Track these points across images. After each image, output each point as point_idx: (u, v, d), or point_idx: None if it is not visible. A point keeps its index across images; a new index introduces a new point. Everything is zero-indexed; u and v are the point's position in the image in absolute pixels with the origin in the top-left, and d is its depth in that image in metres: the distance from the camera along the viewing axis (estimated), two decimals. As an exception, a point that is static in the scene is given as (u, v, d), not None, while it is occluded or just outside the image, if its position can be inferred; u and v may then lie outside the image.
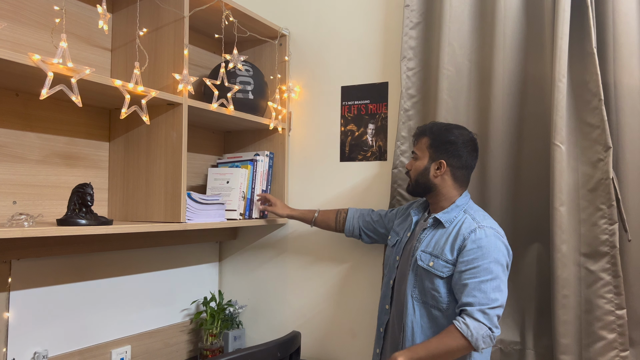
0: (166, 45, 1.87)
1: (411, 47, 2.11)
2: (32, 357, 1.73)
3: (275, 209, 2.18)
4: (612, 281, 1.76)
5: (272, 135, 2.40)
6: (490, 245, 1.58)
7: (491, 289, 1.54)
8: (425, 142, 1.75)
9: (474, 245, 1.58)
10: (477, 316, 1.50)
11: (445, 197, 1.73)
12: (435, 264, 1.63)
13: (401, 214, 1.95)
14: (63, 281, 1.84)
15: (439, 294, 1.62)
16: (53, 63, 1.41)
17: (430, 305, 1.64)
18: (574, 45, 1.82)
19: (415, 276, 1.68)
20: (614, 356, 1.75)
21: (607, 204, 1.76)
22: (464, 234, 1.61)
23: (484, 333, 1.49)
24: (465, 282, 1.55)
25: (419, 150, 1.77)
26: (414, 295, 1.68)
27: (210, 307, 2.32)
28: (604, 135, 1.77)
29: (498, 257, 1.58)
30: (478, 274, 1.55)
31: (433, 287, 1.63)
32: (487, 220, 1.66)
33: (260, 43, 2.43)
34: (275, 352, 1.51)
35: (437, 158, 1.71)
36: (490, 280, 1.54)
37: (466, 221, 1.65)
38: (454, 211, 1.70)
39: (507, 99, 1.93)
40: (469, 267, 1.57)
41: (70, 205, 1.57)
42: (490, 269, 1.55)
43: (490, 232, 1.61)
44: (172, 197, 1.83)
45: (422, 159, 1.75)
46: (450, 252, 1.62)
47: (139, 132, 1.91)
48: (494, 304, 1.53)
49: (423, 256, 1.67)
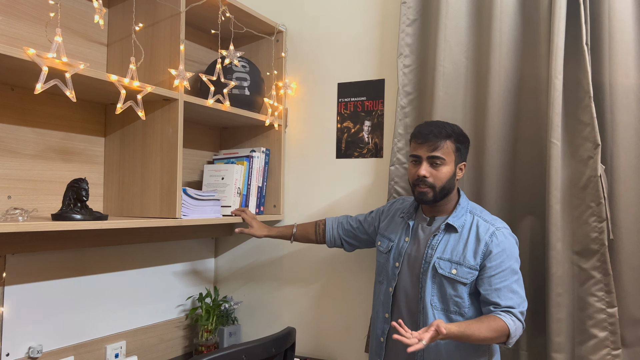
0: (162, 41, 1.87)
1: (408, 44, 2.11)
2: (27, 352, 1.73)
3: (252, 230, 2.05)
4: (603, 279, 1.77)
5: (268, 132, 2.39)
6: (510, 246, 1.63)
7: (519, 287, 1.61)
8: (451, 147, 1.64)
9: (499, 249, 1.61)
10: (519, 317, 1.57)
11: (450, 197, 1.70)
12: (458, 272, 1.61)
13: (384, 216, 1.88)
14: (58, 276, 1.84)
15: (462, 300, 1.62)
16: (48, 57, 1.41)
17: (452, 311, 1.63)
18: (569, 43, 1.82)
19: (433, 284, 1.64)
20: (606, 354, 1.76)
21: (596, 201, 1.77)
22: (485, 239, 1.61)
23: (520, 331, 1.57)
24: (498, 286, 1.59)
25: (445, 155, 1.63)
26: (433, 304, 1.63)
27: (205, 303, 2.32)
28: (593, 133, 1.77)
29: (516, 255, 1.65)
30: (507, 277, 1.60)
31: (457, 294, 1.62)
32: (496, 220, 1.68)
33: (256, 39, 2.43)
34: (270, 348, 1.51)
35: (460, 161, 1.69)
36: (516, 280, 1.61)
37: (481, 225, 1.65)
38: (461, 213, 1.68)
39: (503, 96, 1.93)
40: (498, 272, 1.59)
41: (65, 200, 1.57)
42: (515, 269, 1.62)
43: (506, 232, 1.65)
44: (168, 193, 1.83)
45: (449, 164, 1.64)
46: (474, 258, 1.61)
47: (134, 128, 1.90)
48: (525, 303, 1.61)
49: (442, 264, 1.63)
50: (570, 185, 1.83)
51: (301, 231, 2.07)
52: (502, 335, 1.52)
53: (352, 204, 2.27)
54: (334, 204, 2.31)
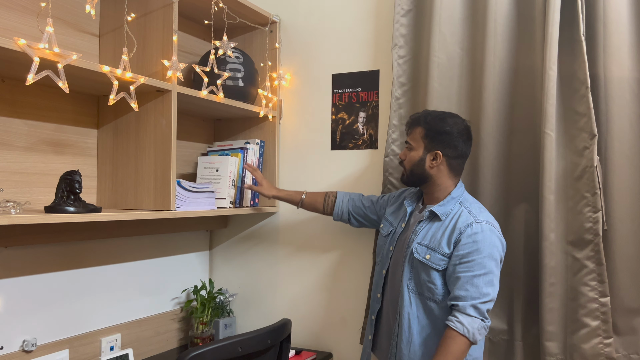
0: (155, 31, 1.85)
1: (402, 35, 2.10)
2: (21, 345, 1.72)
3: (261, 189, 2.13)
4: (596, 269, 1.78)
5: (262, 124, 2.38)
6: (485, 240, 1.60)
7: (483, 283, 1.57)
8: (419, 133, 1.72)
9: (470, 239, 1.60)
10: (469, 312, 1.54)
11: (441, 188, 1.72)
12: (432, 257, 1.64)
13: (393, 201, 1.94)
14: (52, 269, 1.83)
15: (435, 287, 1.64)
16: (39, 48, 1.39)
17: (426, 297, 1.66)
18: (564, 33, 1.82)
19: (411, 268, 1.68)
20: (598, 343, 1.77)
21: (591, 191, 1.78)
22: (461, 227, 1.62)
23: (477, 326, 1.54)
24: (459, 275, 1.58)
25: (413, 141, 1.74)
26: (409, 287, 1.68)
27: (200, 296, 2.31)
28: (589, 123, 1.78)
29: (492, 252, 1.60)
30: (472, 268, 1.58)
31: (429, 280, 1.64)
32: (483, 213, 1.67)
33: (250, 30, 2.41)
34: (265, 339, 1.52)
35: (433, 149, 1.70)
36: (483, 275, 1.57)
37: (462, 215, 1.65)
38: (449, 204, 1.70)
39: (498, 86, 1.93)
40: (463, 261, 1.59)
41: (58, 192, 1.55)
42: (484, 263, 1.58)
43: (486, 226, 1.62)
44: (162, 185, 1.81)
45: (417, 149, 1.72)
46: (447, 246, 1.63)
47: (127, 120, 1.89)
48: (485, 299, 1.56)
49: (419, 249, 1.67)
50: (565, 176, 1.84)
51: (310, 199, 2.09)
52: (462, 344, 1.53)
53: (347, 196, 2.27)
54: (329, 195, 2.31)
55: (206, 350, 1.36)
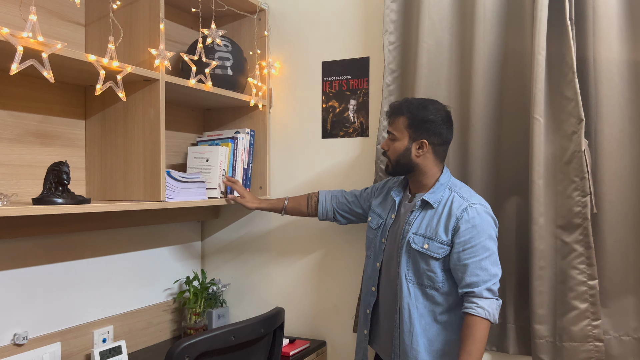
0: (141, 20, 1.82)
1: (392, 21, 2.09)
2: (12, 339, 1.71)
3: (244, 201, 2.10)
4: (585, 252, 1.79)
5: (252, 113, 2.37)
6: (483, 223, 1.62)
7: (490, 264, 1.61)
8: (403, 122, 1.70)
9: (469, 224, 1.61)
10: (485, 295, 1.58)
11: (428, 175, 1.72)
12: (430, 246, 1.64)
13: (378, 193, 1.92)
14: (41, 262, 1.81)
15: (435, 275, 1.65)
16: (23, 37, 1.37)
17: (426, 285, 1.66)
18: (553, 18, 1.82)
19: (408, 259, 1.68)
20: (586, 325, 1.79)
21: (579, 176, 1.79)
22: (457, 214, 1.63)
23: (495, 306, 1.59)
24: (466, 262, 1.60)
25: (396, 131, 1.71)
26: (408, 278, 1.68)
27: (193, 286, 2.31)
28: (577, 108, 1.78)
29: (490, 233, 1.63)
30: (476, 253, 1.60)
31: (429, 269, 1.65)
32: (474, 196, 1.68)
33: (238, 18, 2.38)
34: (258, 328, 1.51)
35: (419, 138, 1.69)
36: (488, 257, 1.61)
37: (455, 200, 1.66)
38: (439, 190, 1.70)
39: (488, 72, 1.93)
40: (467, 247, 1.60)
41: (45, 184, 1.54)
42: (486, 245, 1.61)
43: (480, 208, 1.64)
44: (151, 176, 1.80)
45: (401, 139, 1.70)
46: (445, 233, 1.63)
47: (115, 110, 1.87)
48: (495, 279, 1.61)
49: (416, 239, 1.67)
50: (555, 160, 1.84)
51: (293, 204, 2.09)
52: (486, 328, 1.56)
53: (339, 184, 2.27)
54: (321, 184, 2.30)
55: (199, 339, 1.36)
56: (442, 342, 1.66)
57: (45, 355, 1.78)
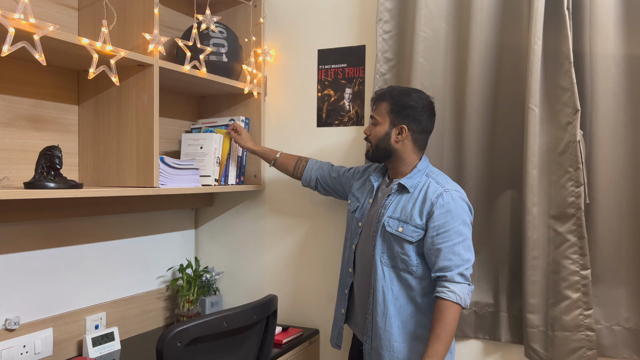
0: (136, 4, 1.80)
1: (388, 9, 2.07)
2: (4, 324, 1.70)
3: (239, 138, 2.15)
4: (578, 242, 1.80)
5: (247, 100, 2.35)
6: (457, 208, 1.64)
7: (463, 249, 1.62)
8: (385, 107, 1.73)
9: (443, 209, 1.63)
10: (457, 279, 1.59)
11: (406, 162, 1.74)
12: (404, 230, 1.66)
13: (359, 177, 1.95)
14: (33, 247, 1.80)
15: (409, 258, 1.66)
16: (14, 18, 1.35)
17: (400, 269, 1.68)
18: (549, 8, 1.81)
19: (383, 242, 1.70)
20: (578, 314, 1.80)
21: (574, 166, 1.79)
22: (432, 198, 1.64)
23: (467, 291, 1.60)
24: (439, 246, 1.61)
25: (378, 115, 1.75)
26: (382, 261, 1.70)
27: (186, 274, 2.30)
28: (573, 98, 1.78)
29: (465, 218, 1.65)
30: (450, 238, 1.61)
31: (403, 252, 1.67)
32: (450, 183, 1.70)
33: (234, 4, 2.36)
34: (251, 315, 1.51)
35: (399, 123, 1.71)
36: (461, 242, 1.62)
37: (431, 185, 1.68)
38: (416, 176, 1.72)
39: (484, 62, 1.93)
40: (440, 232, 1.62)
41: (37, 168, 1.52)
42: (460, 231, 1.62)
43: (455, 194, 1.65)
44: (145, 162, 1.79)
45: (382, 124, 1.74)
46: (419, 217, 1.65)
47: (109, 95, 1.85)
48: (467, 265, 1.62)
49: (391, 222, 1.69)
50: (549, 150, 1.85)
51: (283, 159, 2.13)
52: (456, 312, 1.58)
53: (333, 173, 2.26)
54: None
55: (191, 325, 1.35)
56: (415, 325, 1.68)
57: (37, 340, 1.77)
